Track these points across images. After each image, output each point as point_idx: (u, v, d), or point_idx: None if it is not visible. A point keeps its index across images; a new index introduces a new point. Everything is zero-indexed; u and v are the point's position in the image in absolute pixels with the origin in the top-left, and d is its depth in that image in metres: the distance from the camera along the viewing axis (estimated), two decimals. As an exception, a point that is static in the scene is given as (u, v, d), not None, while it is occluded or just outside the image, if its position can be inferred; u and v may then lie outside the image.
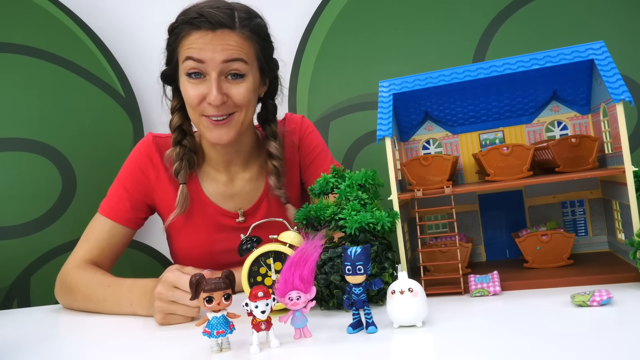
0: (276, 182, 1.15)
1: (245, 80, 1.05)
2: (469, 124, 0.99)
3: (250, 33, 1.04)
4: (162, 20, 1.73)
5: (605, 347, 0.52)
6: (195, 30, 1.02)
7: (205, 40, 1.01)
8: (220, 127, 1.05)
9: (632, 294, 0.69)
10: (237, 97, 1.04)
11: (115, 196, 1.16)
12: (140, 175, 1.15)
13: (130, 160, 1.18)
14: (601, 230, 0.94)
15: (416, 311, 0.65)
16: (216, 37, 1.01)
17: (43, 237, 1.53)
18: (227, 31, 1.02)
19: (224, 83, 1.03)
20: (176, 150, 1.13)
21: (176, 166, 1.13)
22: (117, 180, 1.17)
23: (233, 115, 1.06)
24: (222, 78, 1.03)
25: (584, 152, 0.84)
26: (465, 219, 1.00)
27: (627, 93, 0.75)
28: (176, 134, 1.14)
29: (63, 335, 0.90)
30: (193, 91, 1.04)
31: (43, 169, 1.54)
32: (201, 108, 1.05)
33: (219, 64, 1.01)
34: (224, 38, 1.01)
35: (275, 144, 1.16)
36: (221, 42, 1.01)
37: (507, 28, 1.51)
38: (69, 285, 1.07)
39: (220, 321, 0.64)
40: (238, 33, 1.03)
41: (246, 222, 1.16)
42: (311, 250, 0.67)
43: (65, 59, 1.60)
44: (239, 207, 1.17)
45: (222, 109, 1.04)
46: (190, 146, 1.15)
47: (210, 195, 1.17)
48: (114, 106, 1.64)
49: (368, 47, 1.59)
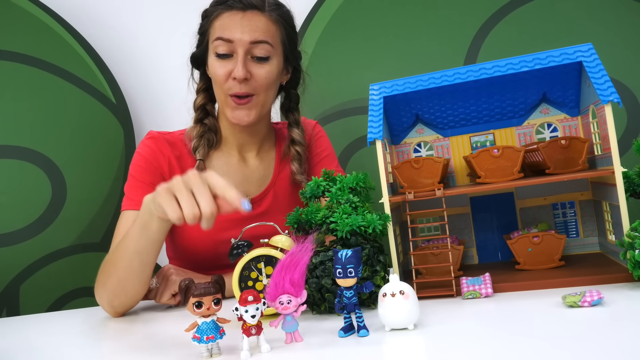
0: (298, 168, 1.19)
1: (269, 63, 1.10)
2: (459, 127, 0.99)
3: (278, 17, 1.11)
4: (153, 25, 1.72)
5: (597, 347, 0.52)
6: (227, 11, 1.08)
7: (235, 20, 1.07)
8: (242, 108, 1.10)
9: (622, 294, 0.69)
10: (259, 78, 1.09)
11: (138, 190, 1.11)
12: (154, 165, 1.14)
13: (140, 155, 1.16)
14: (592, 232, 0.95)
15: (408, 314, 0.64)
16: (246, 18, 1.07)
17: (33, 245, 1.52)
18: (257, 12, 1.08)
19: (250, 63, 1.08)
20: (197, 128, 1.16)
21: (195, 142, 1.15)
22: (132, 177, 1.14)
23: (253, 97, 1.10)
24: (248, 58, 1.08)
25: (573, 153, 0.84)
26: (457, 222, 1.00)
27: (616, 94, 0.76)
28: (199, 113, 1.18)
29: (51, 344, 0.89)
30: (221, 69, 1.09)
31: (33, 176, 1.53)
32: (227, 86, 1.09)
33: (246, 44, 1.07)
34: (253, 19, 1.07)
35: (298, 131, 1.21)
36: (250, 22, 1.07)
37: (498, 32, 1.52)
38: (102, 274, 0.99)
39: (210, 326, 0.63)
40: (267, 15, 1.09)
41: (254, 209, 1.17)
42: (302, 253, 0.66)
43: (55, 65, 1.59)
44: (246, 195, 1.18)
45: (244, 86, 1.08)
46: (210, 125, 1.17)
47: None
48: (104, 112, 1.63)
49: (359, 53, 1.59)
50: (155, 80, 1.73)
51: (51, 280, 1.55)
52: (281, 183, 1.22)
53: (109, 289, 0.97)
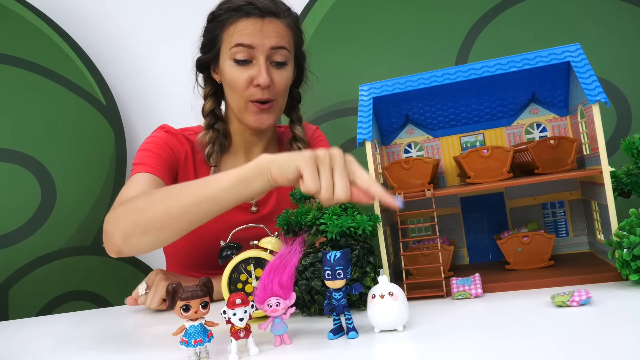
0: None
1: (286, 68, 1.12)
2: (449, 127, 0.99)
3: (291, 23, 1.13)
4: (143, 27, 1.71)
5: (585, 346, 0.52)
6: (245, 18, 1.08)
7: (256, 27, 1.07)
8: (263, 113, 1.12)
9: (611, 293, 0.69)
10: (279, 83, 1.11)
11: (152, 159, 1.07)
12: (171, 150, 1.13)
13: (158, 137, 1.13)
14: (582, 231, 0.95)
15: (397, 315, 0.64)
16: (265, 25, 1.08)
17: (22, 249, 1.50)
18: (274, 19, 1.09)
19: (270, 69, 1.10)
20: (209, 134, 1.16)
21: (208, 149, 1.14)
22: (147, 150, 1.09)
23: (273, 102, 1.12)
24: (268, 64, 1.09)
25: (562, 153, 0.85)
26: (448, 222, 1.00)
27: (603, 94, 0.76)
28: (209, 118, 1.17)
29: (41, 349, 0.88)
30: (241, 75, 1.08)
31: (22, 179, 1.51)
32: (249, 92, 1.09)
33: (268, 49, 1.08)
34: (272, 25, 1.08)
35: (301, 128, 1.22)
36: (270, 29, 1.08)
37: (488, 33, 1.52)
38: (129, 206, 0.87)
39: (197, 330, 0.63)
40: (283, 22, 1.11)
41: (259, 212, 1.18)
42: (290, 255, 0.66)
43: (44, 67, 1.57)
44: (252, 197, 1.15)
45: (267, 92, 1.09)
46: (222, 130, 1.17)
47: None
48: (94, 114, 1.62)
49: (350, 54, 1.59)
50: (146, 81, 1.72)
51: (41, 284, 1.53)
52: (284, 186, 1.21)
53: (138, 223, 0.83)
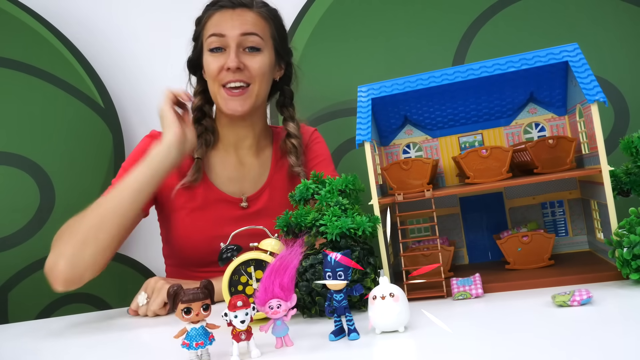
0: (295, 160, 1.21)
1: (260, 53, 1.15)
2: (448, 128, 0.99)
3: (267, 15, 1.17)
4: (141, 28, 1.71)
5: (586, 346, 0.52)
6: (218, 11, 1.15)
7: (225, 17, 1.14)
8: (236, 99, 1.14)
9: (611, 292, 0.70)
10: (253, 68, 1.14)
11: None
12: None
13: (141, 149, 1.18)
14: (581, 230, 0.95)
15: (398, 316, 0.64)
16: (235, 14, 1.14)
17: (21, 251, 1.50)
18: (245, 9, 1.15)
19: (242, 54, 1.14)
20: (195, 128, 1.18)
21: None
22: (125, 169, 1.15)
23: (248, 87, 1.14)
24: (240, 50, 1.14)
25: (561, 153, 0.85)
26: (447, 223, 1.00)
27: (602, 94, 0.76)
28: (196, 113, 1.21)
29: (41, 351, 0.88)
30: (214, 63, 1.14)
31: (20, 182, 1.51)
32: (220, 77, 1.13)
33: (237, 36, 1.12)
34: (242, 15, 1.14)
35: (294, 124, 1.24)
36: (239, 17, 1.14)
37: (486, 32, 1.53)
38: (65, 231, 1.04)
39: (199, 332, 0.63)
40: (255, 12, 1.16)
41: (249, 208, 1.20)
42: (291, 257, 0.66)
43: (42, 70, 1.57)
44: (242, 192, 1.20)
45: (238, 74, 1.12)
46: (208, 126, 1.21)
47: (215, 179, 1.20)
48: (92, 116, 1.62)
49: (349, 54, 1.59)
50: (144, 83, 1.72)
51: (40, 287, 1.53)
52: (277, 182, 1.23)
53: (76, 240, 0.99)
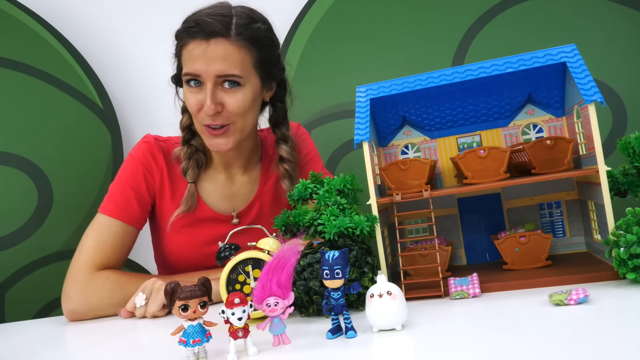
0: (289, 186, 1.15)
1: (241, 89, 1.04)
2: (446, 128, 1.00)
3: (246, 42, 1.03)
4: (140, 30, 1.71)
5: (583, 344, 0.53)
6: (192, 40, 1.02)
7: (199, 51, 1.01)
8: (219, 137, 1.07)
9: (608, 291, 0.70)
10: (231, 107, 1.04)
11: (122, 196, 1.12)
12: (146, 173, 1.14)
13: (133, 159, 1.15)
14: (579, 231, 0.95)
15: (395, 314, 0.64)
16: (210, 48, 1.01)
17: (19, 251, 1.50)
18: (221, 40, 1.01)
19: (220, 92, 1.04)
20: (184, 150, 1.14)
21: (184, 165, 1.14)
22: (120, 180, 1.14)
23: (229, 126, 1.06)
24: (219, 87, 1.04)
25: (559, 153, 0.85)
26: (445, 223, 1.00)
27: (599, 94, 0.77)
28: (185, 133, 1.15)
29: (39, 351, 0.88)
30: (192, 99, 1.05)
31: (19, 182, 1.51)
32: (200, 117, 1.06)
33: (213, 77, 1.02)
34: (217, 49, 1.01)
35: (287, 148, 1.17)
36: (215, 53, 1.01)
37: (485, 34, 1.53)
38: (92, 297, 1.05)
39: (196, 330, 0.63)
40: (232, 42, 1.02)
41: (240, 223, 1.17)
42: (289, 255, 0.66)
43: (41, 71, 1.58)
44: (233, 209, 1.18)
45: (217, 118, 1.04)
46: (198, 146, 1.15)
47: (207, 197, 1.17)
48: (91, 117, 1.62)
49: (348, 55, 1.60)
50: (142, 85, 1.72)
51: (38, 287, 1.53)
52: (266, 195, 1.21)
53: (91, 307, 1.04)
